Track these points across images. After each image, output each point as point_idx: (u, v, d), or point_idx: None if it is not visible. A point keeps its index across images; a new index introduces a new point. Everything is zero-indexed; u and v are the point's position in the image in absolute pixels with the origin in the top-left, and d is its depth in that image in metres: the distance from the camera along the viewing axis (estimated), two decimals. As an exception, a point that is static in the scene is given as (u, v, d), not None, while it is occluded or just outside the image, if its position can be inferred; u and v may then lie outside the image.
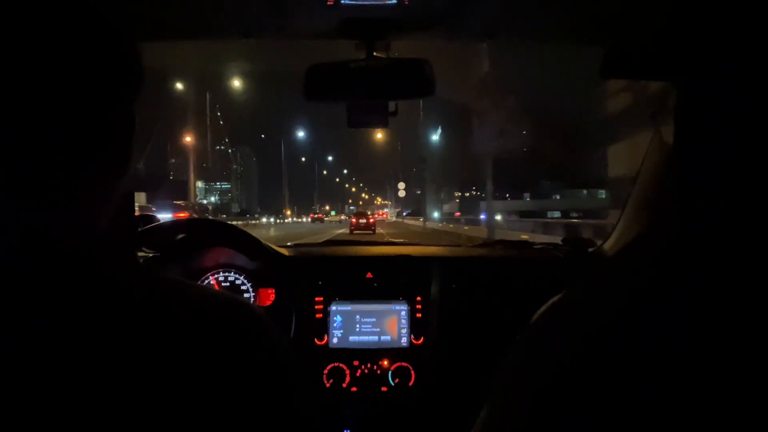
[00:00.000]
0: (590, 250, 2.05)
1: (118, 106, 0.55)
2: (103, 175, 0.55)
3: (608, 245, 2.02)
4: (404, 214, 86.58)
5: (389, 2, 1.10)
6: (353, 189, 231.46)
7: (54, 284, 0.48)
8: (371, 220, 35.61)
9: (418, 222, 44.18)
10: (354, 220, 36.17)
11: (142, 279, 0.56)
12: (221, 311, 0.57)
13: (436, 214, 59.77)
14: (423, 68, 1.24)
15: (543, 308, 0.56)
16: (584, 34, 1.25)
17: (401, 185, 31.29)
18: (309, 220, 77.73)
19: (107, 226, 0.56)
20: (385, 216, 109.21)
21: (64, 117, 0.49)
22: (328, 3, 1.09)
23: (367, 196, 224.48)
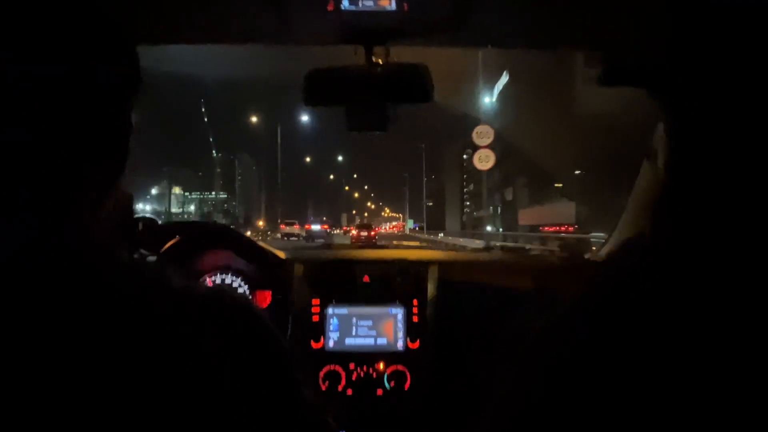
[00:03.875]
0: (586, 256, 2.07)
1: (116, 110, 0.55)
2: (100, 179, 0.54)
3: (604, 253, 2.03)
4: (412, 227, 69.42)
5: (388, 8, 1.11)
6: (356, 194, 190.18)
7: (51, 289, 0.48)
8: (372, 233, 35.40)
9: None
10: (355, 232, 35.55)
11: (139, 281, 0.56)
12: (219, 309, 0.58)
13: (488, 228, 37.07)
14: (421, 74, 1.25)
15: (541, 319, 0.57)
16: (583, 42, 1.26)
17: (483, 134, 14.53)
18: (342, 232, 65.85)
19: (106, 227, 0.56)
20: (399, 228, 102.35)
21: (62, 120, 0.49)
22: (328, 9, 1.10)
23: (373, 206, 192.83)
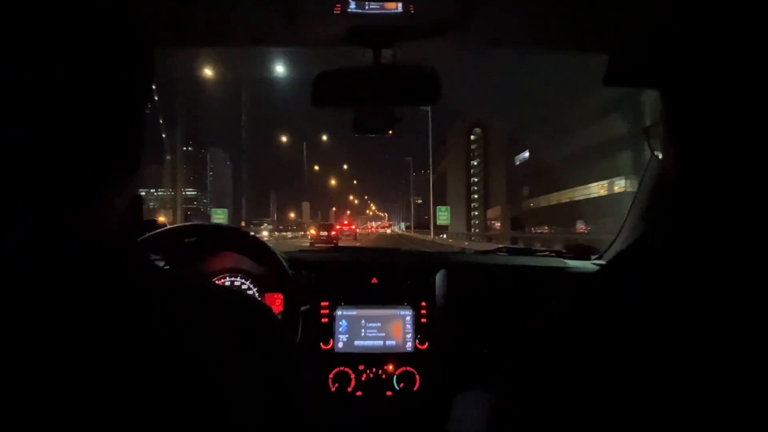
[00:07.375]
0: (592, 257, 2.07)
1: (118, 111, 0.55)
2: (115, 174, 0.55)
3: (610, 254, 2.03)
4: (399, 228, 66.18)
5: (395, 11, 1.12)
6: (333, 181, 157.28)
7: (67, 281, 0.49)
8: (333, 233, 32.61)
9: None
10: (314, 232, 32.94)
11: (154, 276, 0.57)
12: (231, 308, 0.59)
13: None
14: (429, 75, 1.26)
15: (540, 314, 0.57)
16: (588, 43, 1.27)
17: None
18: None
19: (118, 224, 0.56)
20: (385, 227, 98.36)
21: (62, 120, 0.49)
22: (335, 11, 1.11)
23: (357, 200, 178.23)
